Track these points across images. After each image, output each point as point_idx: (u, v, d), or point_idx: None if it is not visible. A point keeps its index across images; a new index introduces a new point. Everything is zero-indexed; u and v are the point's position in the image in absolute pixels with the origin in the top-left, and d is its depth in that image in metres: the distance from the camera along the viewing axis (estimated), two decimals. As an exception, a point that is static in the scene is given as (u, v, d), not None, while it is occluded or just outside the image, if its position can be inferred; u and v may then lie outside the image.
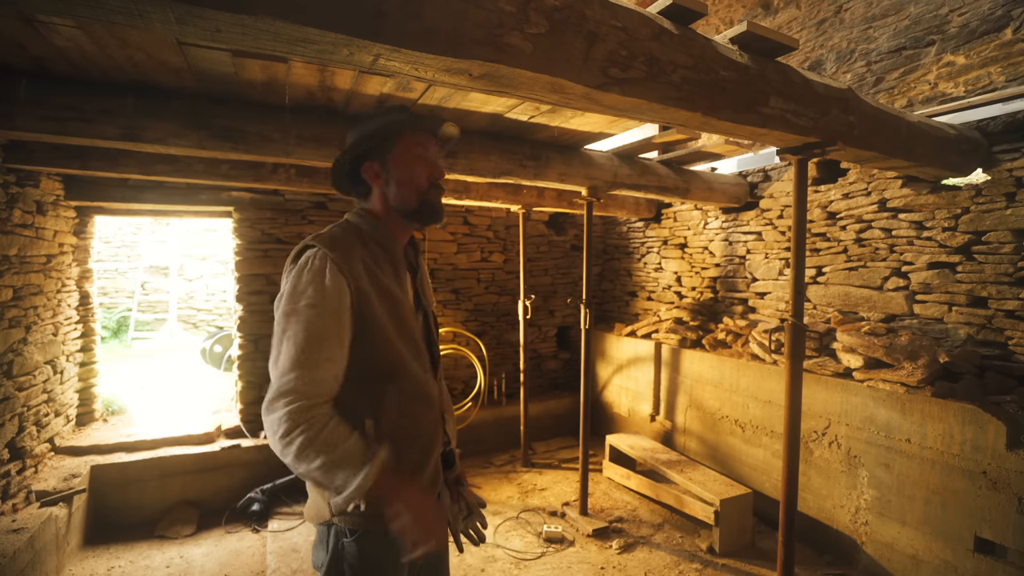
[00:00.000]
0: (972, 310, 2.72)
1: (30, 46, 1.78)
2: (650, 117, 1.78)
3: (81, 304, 3.79)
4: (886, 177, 3.09)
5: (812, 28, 3.90)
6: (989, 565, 2.26)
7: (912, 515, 2.54)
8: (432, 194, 1.29)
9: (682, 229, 4.61)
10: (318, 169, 3.31)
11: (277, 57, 1.85)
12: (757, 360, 3.41)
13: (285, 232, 4.04)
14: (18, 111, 2.04)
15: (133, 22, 1.06)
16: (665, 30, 1.51)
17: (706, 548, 3.01)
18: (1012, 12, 2.77)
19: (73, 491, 2.91)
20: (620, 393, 4.69)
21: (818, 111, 1.95)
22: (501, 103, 2.38)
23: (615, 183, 3.31)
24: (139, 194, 3.60)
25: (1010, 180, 2.59)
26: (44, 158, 2.69)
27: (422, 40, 1.18)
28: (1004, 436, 2.22)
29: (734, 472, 3.49)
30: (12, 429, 2.80)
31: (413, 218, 1.29)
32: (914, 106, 3.20)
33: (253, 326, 3.97)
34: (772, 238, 3.80)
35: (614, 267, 5.49)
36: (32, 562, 2.45)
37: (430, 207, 1.29)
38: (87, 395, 3.84)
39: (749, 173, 3.99)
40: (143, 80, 2.12)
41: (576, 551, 3.01)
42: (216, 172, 3.04)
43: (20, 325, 2.91)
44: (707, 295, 4.37)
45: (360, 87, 2.20)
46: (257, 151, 2.42)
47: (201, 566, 2.90)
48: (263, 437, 3.80)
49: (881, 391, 2.67)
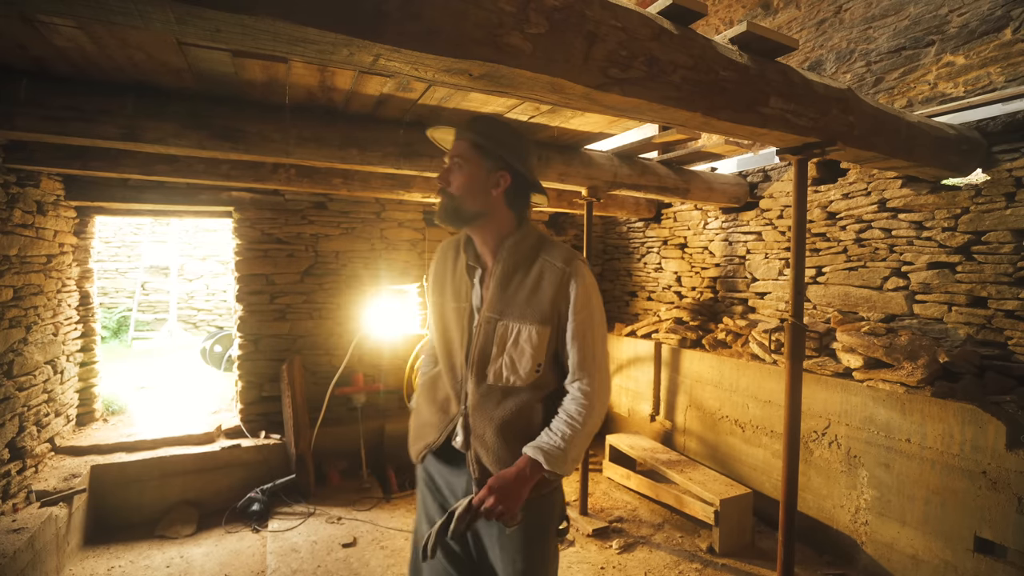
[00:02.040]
0: (972, 310, 2.72)
1: (30, 46, 1.79)
2: (650, 117, 1.79)
3: (81, 304, 3.79)
4: (886, 177, 3.09)
5: (812, 28, 3.90)
6: (989, 565, 2.26)
7: (912, 515, 2.54)
8: (440, 196, 1.39)
9: (682, 229, 4.61)
10: (318, 169, 3.31)
11: (277, 57, 1.86)
12: (757, 360, 3.41)
13: (285, 232, 4.04)
14: (18, 111, 2.04)
15: (133, 22, 1.06)
16: (665, 30, 1.51)
17: (706, 548, 3.01)
18: (1012, 12, 2.78)
19: (73, 491, 2.91)
20: (620, 393, 4.69)
21: (818, 111, 1.95)
22: (501, 103, 2.38)
23: (615, 183, 3.31)
24: (139, 194, 3.60)
25: (1010, 180, 2.59)
26: (44, 158, 2.69)
27: (422, 40, 1.18)
28: (1004, 436, 2.22)
29: (734, 472, 3.49)
30: (12, 429, 2.80)
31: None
32: (914, 106, 3.20)
33: (253, 326, 3.97)
34: (772, 238, 3.80)
35: (614, 267, 5.49)
36: (32, 562, 2.45)
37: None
38: (87, 395, 3.84)
39: (749, 173, 3.99)
40: (143, 80, 2.13)
41: (576, 551, 3.01)
42: (216, 172, 3.04)
43: (20, 325, 2.91)
44: (707, 295, 4.37)
45: (360, 87, 2.21)
46: (257, 151, 2.43)
47: (201, 566, 2.90)
48: (263, 437, 3.80)
49: (881, 391, 2.67)
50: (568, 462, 1.29)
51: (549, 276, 1.34)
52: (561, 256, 1.36)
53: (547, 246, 1.39)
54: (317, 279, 4.16)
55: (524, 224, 1.42)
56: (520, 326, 1.33)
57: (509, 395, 1.35)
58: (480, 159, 1.35)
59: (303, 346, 4.12)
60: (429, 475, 1.48)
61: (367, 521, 3.30)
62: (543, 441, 1.30)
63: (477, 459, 1.35)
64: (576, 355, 1.34)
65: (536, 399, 1.36)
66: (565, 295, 1.32)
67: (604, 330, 1.38)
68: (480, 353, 1.36)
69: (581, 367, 1.34)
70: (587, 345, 1.33)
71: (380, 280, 4.37)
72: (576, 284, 1.32)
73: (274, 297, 4.04)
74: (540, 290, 1.33)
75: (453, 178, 1.35)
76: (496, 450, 1.33)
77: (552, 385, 1.39)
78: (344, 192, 3.54)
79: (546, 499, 1.39)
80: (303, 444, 3.70)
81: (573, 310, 1.32)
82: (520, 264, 1.37)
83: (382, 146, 2.64)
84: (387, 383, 4.33)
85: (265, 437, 3.80)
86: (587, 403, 1.32)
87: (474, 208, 1.35)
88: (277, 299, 4.04)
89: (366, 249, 4.33)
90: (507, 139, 1.36)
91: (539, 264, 1.36)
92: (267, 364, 4.01)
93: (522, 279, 1.36)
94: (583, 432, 1.30)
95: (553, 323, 1.33)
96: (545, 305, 1.32)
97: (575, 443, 1.29)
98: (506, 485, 1.23)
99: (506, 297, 1.36)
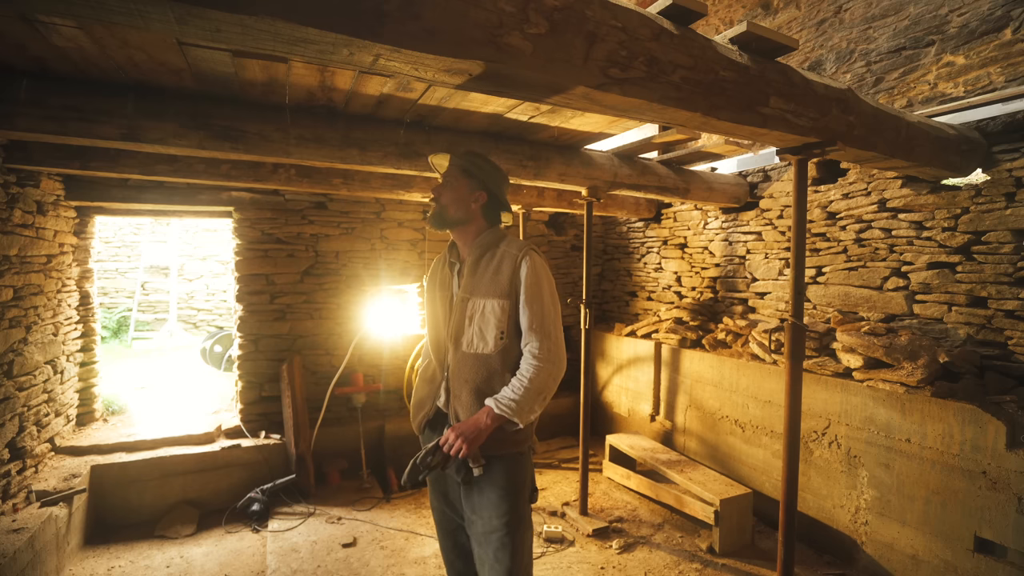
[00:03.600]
0: (972, 310, 2.72)
1: (30, 46, 1.79)
2: (650, 117, 1.79)
3: (81, 304, 3.79)
4: (886, 177, 3.09)
5: (812, 28, 3.90)
6: (989, 565, 2.26)
7: (912, 515, 2.54)
8: (433, 205, 1.78)
9: (682, 229, 4.61)
10: (318, 169, 3.31)
11: (277, 57, 1.86)
12: (757, 360, 3.41)
13: (285, 232, 4.04)
14: (19, 111, 2.04)
15: (133, 22, 1.06)
16: (665, 30, 1.51)
17: (706, 548, 3.01)
18: (1012, 12, 2.77)
19: (73, 491, 2.91)
20: (620, 393, 4.69)
21: (818, 111, 1.95)
22: (501, 103, 2.38)
23: (615, 183, 3.31)
24: (139, 194, 3.60)
25: (1010, 180, 2.59)
26: (44, 158, 2.69)
27: (422, 40, 1.18)
28: (1004, 436, 2.22)
29: (734, 472, 3.49)
30: (12, 429, 2.80)
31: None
32: (914, 106, 3.20)
33: (253, 326, 3.97)
34: (772, 238, 3.80)
35: (614, 267, 5.49)
36: (32, 562, 2.45)
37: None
38: (87, 395, 3.84)
39: (749, 173, 3.99)
40: (143, 80, 2.13)
41: (576, 551, 3.01)
42: (216, 172, 3.04)
43: (20, 325, 2.91)
44: (707, 295, 4.37)
45: (360, 87, 2.21)
46: (257, 151, 2.42)
47: (201, 566, 2.90)
48: (263, 437, 3.80)
49: (881, 391, 2.67)
50: (519, 411, 1.57)
51: (507, 261, 1.69)
52: (516, 245, 1.73)
53: (507, 240, 1.76)
54: (317, 279, 4.16)
55: (494, 227, 1.80)
56: (485, 301, 1.67)
57: (480, 361, 1.65)
58: (466, 180, 1.75)
59: (303, 346, 4.12)
60: (430, 438, 1.77)
61: (367, 521, 3.30)
62: (499, 393, 1.60)
63: (456, 415, 1.67)
64: (527, 321, 1.63)
65: (504, 366, 1.65)
66: (518, 274, 1.66)
67: (555, 304, 1.69)
68: (456, 325, 1.70)
69: (530, 330, 1.63)
70: (535, 313, 1.63)
71: (380, 280, 4.37)
72: (526, 265, 1.66)
73: (274, 297, 4.04)
74: (500, 272, 1.68)
75: (444, 192, 1.75)
76: (469, 406, 1.64)
77: (516, 352, 1.67)
78: (344, 192, 3.54)
79: (515, 459, 1.67)
80: (303, 444, 3.70)
81: (524, 285, 1.65)
82: (485, 253, 1.74)
83: (382, 146, 2.64)
84: (387, 383, 4.33)
85: (265, 437, 3.80)
86: (535, 362, 1.60)
87: (456, 216, 1.75)
88: (277, 299, 4.04)
89: (366, 249, 4.33)
90: (488, 168, 1.78)
91: (500, 252, 1.72)
92: (267, 364, 4.01)
93: (487, 264, 1.71)
94: (532, 387, 1.58)
95: (512, 299, 1.65)
96: (504, 283, 1.66)
97: (526, 396, 1.57)
98: (465, 427, 1.56)
99: (475, 280, 1.71)
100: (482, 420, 1.56)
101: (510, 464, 1.65)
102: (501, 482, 1.62)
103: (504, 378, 1.63)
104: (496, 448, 1.61)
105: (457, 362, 1.68)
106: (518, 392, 1.57)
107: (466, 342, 1.67)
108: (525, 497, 1.70)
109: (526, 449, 1.71)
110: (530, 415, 1.60)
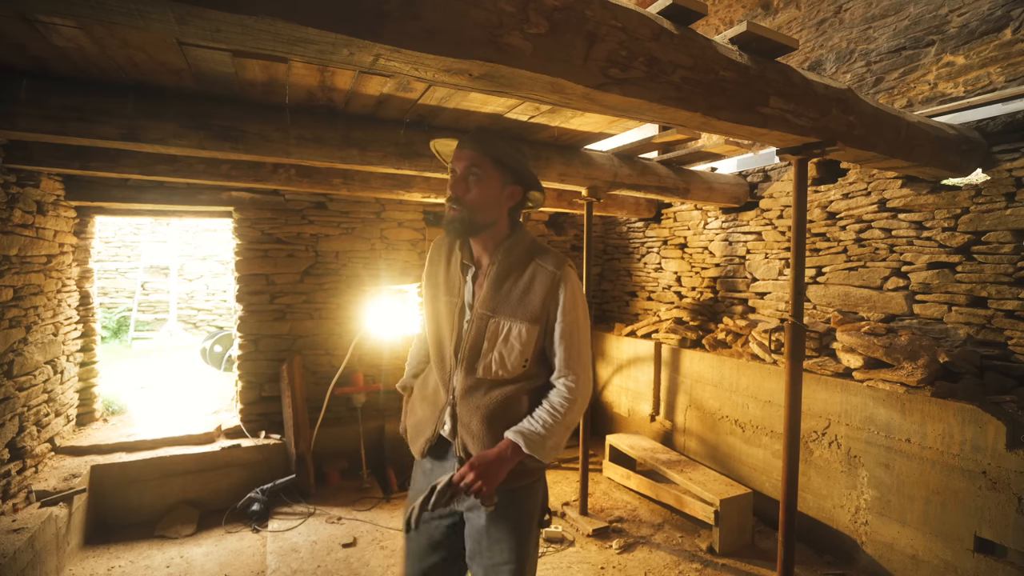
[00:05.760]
0: (972, 310, 2.72)
1: (30, 46, 1.78)
2: (650, 117, 1.79)
3: (81, 304, 3.79)
4: (886, 177, 3.09)
5: (812, 28, 3.90)
6: (989, 565, 2.26)
7: (912, 515, 2.54)
8: (451, 204, 1.42)
9: (682, 229, 4.61)
10: (318, 169, 3.31)
11: (277, 57, 1.85)
12: (757, 360, 3.41)
13: (285, 232, 4.04)
14: (18, 111, 2.04)
15: (133, 22, 1.06)
16: (665, 30, 1.51)
17: (706, 548, 3.01)
18: (1012, 12, 2.77)
19: (73, 491, 2.91)
20: (620, 393, 4.69)
21: (818, 111, 1.95)
22: (501, 103, 2.38)
23: (615, 183, 3.31)
24: (139, 194, 3.60)
25: (1010, 180, 2.59)
26: (44, 158, 2.69)
27: (422, 40, 1.18)
28: (1004, 436, 2.22)
29: (734, 472, 3.49)
30: (12, 429, 2.80)
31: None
32: (914, 106, 3.20)
33: (253, 326, 3.97)
34: (772, 238, 3.80)
35: (614, 267, 5.49)
36: (32, 562, 2.45)
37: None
38: (87, 395, 3.84)
39: (749, 173, 3.99)
40: (143, 80, 2.13)
41: (576, 551, 3.01)
42: (216, 172, 3.04)
43: (20, 325, 2.91)
44: (707, 295, 4.37)
45: (360, 87, 2.21)
46: (257, 151, 2.42)
47: (201, 566, 2.90)
48: (263, 437, 3.80)
49: (881, 391, 2.67)
50: (546, 449, 1.37)
51: (541, 279, 1.41)
52: (552, 261, 1.43)
53: (539, 251, 1.47)
54: (317, 279, 4.16)
55: (518, 229, 1.50)
56: (511, 323, 1.40)
57: (496, 386, 1.42)
58: (498, 174, 1.41)
59: (303, 346, 4.12)
60: (431, 469, 1.53)
61: (367, 521, 3.30)
62: (524, 427, 1.37)
63: (463, 446, 1.42)
64: (563, 353, 1.41)
65: (522, 391, 1.43)
66: (555, 297, 1.40)
67: (588, 331, 1.47)
68: (471, 347, 1.43)
69: (568, 364, 1.42)
70: (574, 345, 1.42)
71: (380, 280, 4.37)
72: (565, 287, 1.40)
73: (274, 297, 4.04)
74: (532, 291, 1.41)
75: (471, 189, 1.39)
76: (481, 437, 1.40)
77: (538, 380, 1.46)
78: (344, 192, 3.54)
79: (529, 489, 1.47)
80: (303, 444, 3.70)
81: (562, 311, 1.40)
82: (514, 266, 1.44)
83: (382, 146, 2.64)
84: (387, 383, 4.33)
85: (265, 437, 3.80)
86: (571, 397, 1.40)
87: (486, 220, 1.42)
88: (277, 299, 4.04)
89: (366, 249, 4.33)
90: (519, 156, 1.44)
91: (532, 267, 1.43)
92: (267, 364, 4.01)
93: (515, 280, 1.43)
94: (563, 423, 1.39)
95: (542, 322, 1.40)
96: (536, 305, 1.40)
97: (555, 432, 1.37)
98: (485, 463, 1.31)
99: (499, 296, 1.42)
100: (505, 455, 1.33)
101: (524, 495, 1.46)
102: (513, 515, 1.43)
103: (521, 402, 1.42)
104: (512, 481, 1.38)
105: (468, 387, 1.42)
106: (548, 427, 1.36)
107: (483, 367, 1.41)
108: (536, 525, 1.52)
109: (541, 475, 1.52)
110: (555, 452, 1.40)
